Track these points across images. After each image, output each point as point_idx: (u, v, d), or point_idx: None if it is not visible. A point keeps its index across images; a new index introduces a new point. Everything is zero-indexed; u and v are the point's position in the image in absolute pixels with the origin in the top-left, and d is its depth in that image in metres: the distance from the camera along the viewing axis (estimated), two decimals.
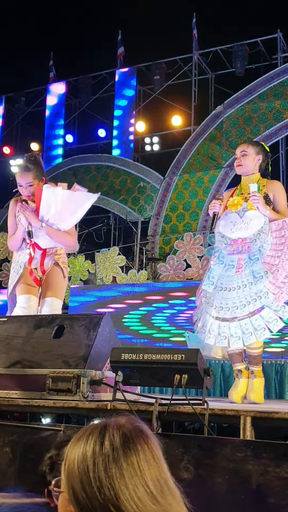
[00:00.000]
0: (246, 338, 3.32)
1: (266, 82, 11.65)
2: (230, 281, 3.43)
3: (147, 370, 2.50)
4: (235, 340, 3.34)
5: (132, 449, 0.97)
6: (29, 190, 3.75)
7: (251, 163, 3.65)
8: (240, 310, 3.34)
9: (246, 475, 2.05)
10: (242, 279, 3.39)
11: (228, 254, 3.51)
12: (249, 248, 3.44)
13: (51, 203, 3.68)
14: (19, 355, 2.85)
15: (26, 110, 15.29)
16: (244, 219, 3.52)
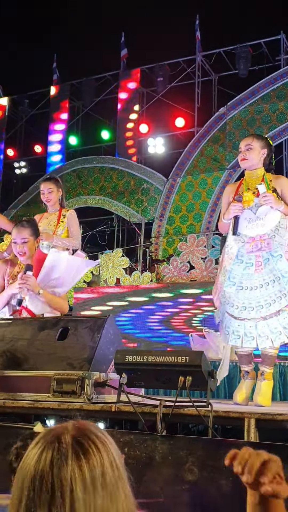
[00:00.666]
0: (275, 337, 3.25)
1: (269, 84, 11.66)
2: (250, 279, 3.35)
3: (152, 372, 2.50)
4: (263, 340, 3.27)
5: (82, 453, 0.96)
6: (23, 247, 3.58)
7: (256, 157, 3.54)
8: (266, 309, 3.26)
9: None
10: (264, 277, 3.31)
11: (247, 252, 3.41)
12: (268, 245, 3.34)
13: (55, 267, 3.60)
14: (24, 357, 2.86)
15: (30, 113, 15.33)
16: (258, 215, 3.41)
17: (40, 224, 4.71)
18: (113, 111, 13.93)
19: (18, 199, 14.58)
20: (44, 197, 4.77)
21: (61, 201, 4.83)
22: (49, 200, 4.76)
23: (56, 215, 4.74)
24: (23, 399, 2.73)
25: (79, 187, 13.56)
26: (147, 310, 8.78)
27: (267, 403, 3.31)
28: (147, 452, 2.27)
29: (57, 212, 4.77)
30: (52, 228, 4.64)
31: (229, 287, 3.41)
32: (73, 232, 4.69)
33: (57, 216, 4.73)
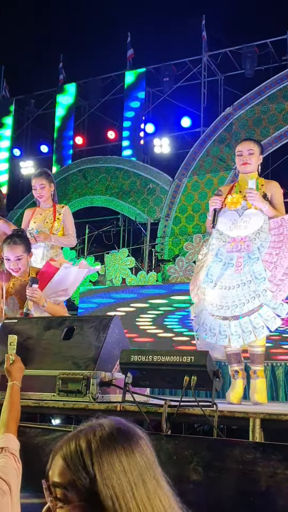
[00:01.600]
0: (246, 336, 3.31)
1: (275, 84, 11.63)
2: (230, 279, 3.42)
3: (157, 371, 2.50)
4: (235, 339, 3.33)
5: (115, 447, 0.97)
6: (17, 264, 3.55)
7: (256, 162, 3.69)
8: (240, 308, 3.34)
9: (255, 477, 2.06)
10: (241, 277, 3.38)
11: (227, 252, 3.50)
12: (248, 247, 3.43)
13: (64, 281, 3.61)
14: (29, 356, 2.87)
15: (36, 113, 15.36)
16: (243, 217, 3.51)
17: (34, 220, 4.66)
18: (119, 111, 13.94)
19: (24, 199, 14.61)
20: (36, 193, 4.67)
21: (53, 196, 4.73)
22: (41, 196, 4.67)
23: (51, 211, 4.66)
24: (28, 398, 2.74)
25: (85, 187, 13.58)
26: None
27: (264, 400, 3.37)
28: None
29: (51, 208, 4.68)
30: (49, 226, 4.58)
31: (206, 283, 3.48)
32: (68, 229, 4.64)
33: (51, 212, 4.65)
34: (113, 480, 0.92)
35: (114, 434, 0.97)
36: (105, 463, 0.93)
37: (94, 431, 0.98)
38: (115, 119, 14.42)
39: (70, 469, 0.94)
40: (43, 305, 3.48)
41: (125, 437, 0.98)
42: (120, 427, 1.00)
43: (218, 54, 13.00)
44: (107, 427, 0.99)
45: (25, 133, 15.80)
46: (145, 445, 1.00)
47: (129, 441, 0.98)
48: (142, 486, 0.94)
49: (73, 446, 0.96)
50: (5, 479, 1.56)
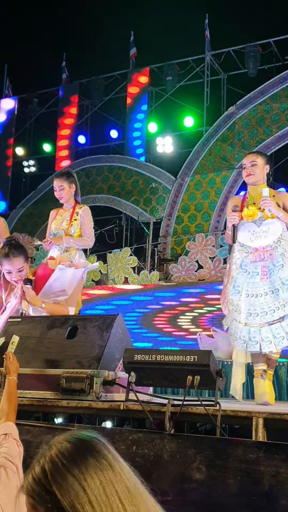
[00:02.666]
0: (278, 342, 3.42)
1: (278, 83, 11.62)
2: (256, 287, 3.53)
3: (160, 371, 2.51)
4: (266, 345, 3.43)
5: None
6: (19, 275, 3.52)
7: (260, 172, 3.76)
8: (270, 315, 3.44)
9: (258, 476, 2.07)
10: (269, 285, 3.49)
11: (251, 262, 3.60)
12: (271, 256, 3.54)
13: (58, 283, 3.60)
14: (33, 355, 2.88)
15: (39, 111, 15.36)
16: (262, 227, 3.61)
17: (54, 221, 4.63)
18: (122, 110, 13.93)
19: (26, 198, 14.63)
20: (56, 194, 4.65)
21: (75, 196, 4.67)
22: (61, 197, 4.63)
23: (69, 212, 4.61)
24: (32, 397, 2.75)
25: (87, 186, 13.58)
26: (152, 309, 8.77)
27: (273, 401, 3.43)
28: (155, 450, 2.28)
29: (71, 209, 4.63)
30: (65, 227, 4.54)
31: (234, 295, 3.60)
32: (85, 230, 4.57)
33: (70, 213, 4.60)
34: (70, 491, 0.97)
35: (65, 452, 1.02)
36: (60, 481, 0.98)
37: (44, 454, 1.03)
38: (118, 118, 14.42)
39: (36, 500, 1.00)
40: (40, 307, 3.48)
41: (77, 450, 1.03)
42: (70, 440, 1.05)
43: (221, 53, 12.99)
44: (56, 446, 1.04)
45: (28, 132, 15.80)
46: (101, 448, 1.05)
47: (81, 452, 1.02)
48: (102, 495, 0.98)
49: (30, 477, 1.02)
50: (12, 461, 1.70)
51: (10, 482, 1.61)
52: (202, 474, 2.16)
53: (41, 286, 3.54)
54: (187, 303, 8.56)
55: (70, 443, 1.04)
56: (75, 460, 1.00)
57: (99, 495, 0.98)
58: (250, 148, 11.66)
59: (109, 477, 1.00)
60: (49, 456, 1.02)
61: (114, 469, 1.02)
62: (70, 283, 3.68)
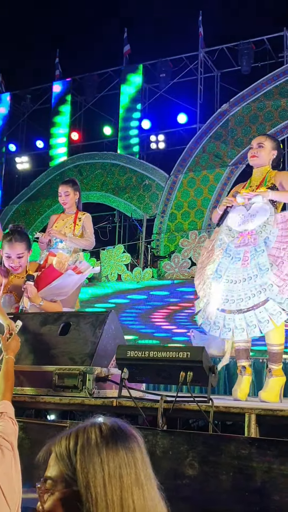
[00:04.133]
0: (250, 330, 3.29)
1: (272, 81, 11.63)
2: (236, 273, 3.41)
3: (153, 367, 2.51)
4: (239, 332, 3.32)
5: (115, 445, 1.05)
6: (18, 262, 3.48)
7: (266, 156, 3.64)
8: (245, 302, 3.32)
9: (250, 472, 2.07)
10: (248, 271, 3.36)
11: (235, 247, 3.49)
12: (255, 240, 3.42)
13: (63, 286, 3.57)
14: (26, 352, 2.87)
15: (32, 108, 15.31)
16: (250, 211, 3.51)
17: (55, 224, 4.82)
18: (116, 107, 13.91)
19: (19, 195, 14.58)
20: (61, 200, 4.85)
21: (77, 203, 4.90)
22: (65, 203, 4.84)
23: (72, 218, 4.81)
24: (24, 393, 2.75)
25: (80, 182, 13.47)
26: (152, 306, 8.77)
27: (272, 398, 3.28)
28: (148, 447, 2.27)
29: (73, 215, 4.83)
30: (68, 231, 4.71)
31: (215, 279, 3.48)
32: (88, 233, 4.76)
33: (73, 218, 4.79)
34: (89, 470, 1.01)
35: (104, 433, 1.06)
36: (86, 455, 1.02)
37: (86, 430, 1.07)
38: (111, 115, 14.39)
39: (59, 463, 1.06)
40: (39, 304, 3.45)
41: (115, 435, 1.06)
42: (114, 426, 1.08)
43: (214, 51, 12.98)
44: (99, 427, 1.07)
45: (20, 128, 15.75)
46: (135, 445, 1.08)
47: (117, 439, 1.06)
48: (117, 480, 1.01)
49: (64, 444, 1.07)
50: (7, 439, 1.74)
51: (5, 459, 1.65)
52: (194, 470, 2.16)
53: (44, 285, 3.50)
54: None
55: (109, 429, 1.07)
56: (108, 444, 1.04)
57: (115, 486, 1.00)
58: (244, 146, 11.68)
59: (131, 476, 1.03)
60: (88, 431, 1.05)
61: (138, 471, 1.05)
62: (73, 286, 3.71)
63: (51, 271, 3.55)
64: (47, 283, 3.48)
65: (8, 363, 2.36)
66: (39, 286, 3.47)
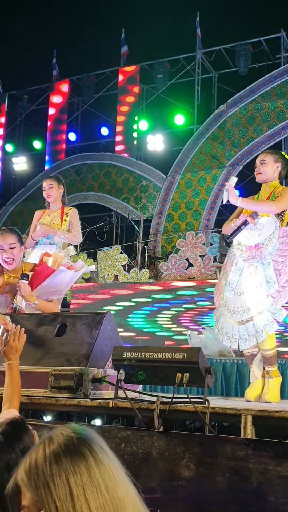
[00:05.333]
0: (249, 340, 3.46)
1: (269, 82, 11.65)
2: (241, 286, 3.57)
3: (149, 368, 2.51)
4: (243, 342, 3.48)
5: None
6: (10, 253, 3.48)
7: (269, 170, 3.74)
8: (246, 313, 3.48)
9: (246, 473, 2.07)
10: (251, 283, 3.51)
11: (243, 260, 3.63)
12: (261, 253, 3.55)
13: (57, 283, 3.58)
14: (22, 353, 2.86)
15: (29, 108, 15.30)
16: (257, 225, 3.63)
17: (41, 220, 4.78)
18: (113, 107, 13.90)
19: (16, 195, 14.56)
20: (45, 194, 4.84)
21: (62, 198, 4.86)
22: (49, 196, 4.82)
23: (58, 213, 4.78)
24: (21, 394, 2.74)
25: (77, 183, 13.55)
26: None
27: (273, 399, 3.41)
28: (144, 448, 2.28)
29: (59, 210, 4.81)
30: (56, 226, 4.70)
31: (228, 292, 3.64)
32: (75, 228, 4.77)
33: (59, 214, 4.77)
34: (42, 492, 1.01)
35: (48, 451, 1.05)
36: (36, 477, 1.02)
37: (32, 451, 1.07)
38: (109, 116, 14.39)
39: (26, 487, 1.04)
40: (34, 303, 3.45)
41: (59, 450, 1.05)
42: (68, 440, 1.07)
43: (212, 52, 12.99)
44: (43, 445, 1.07)
45: (17, 128, 15.73)
46: (84, 451, 1.06)
47: (60, 452, 1.04)
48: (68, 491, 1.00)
49: (20, 469, 1.06)
50: None
51: None
52: (191, 471, 2.16)
53: (38, 283, 3.50)
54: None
55: (67, 439, 1.06)
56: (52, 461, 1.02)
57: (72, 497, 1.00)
58: (241, 147, 11.69)
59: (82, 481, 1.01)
60: (32, 452, 1.05)
61: (90, 474, 1.03)
62: (67, 284, 3.70)
63: (44, 269, 3.55)
64: (40, 281, 3.47)
65: (12, 369, 2.30)
66: (33, 284, 3.46)
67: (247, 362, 3.73)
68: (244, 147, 11.63)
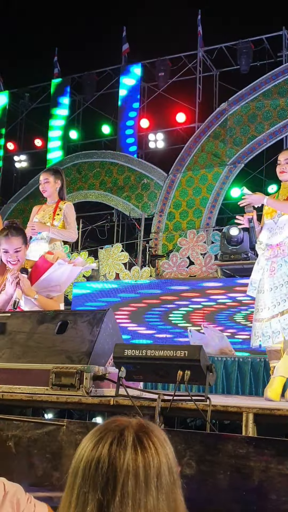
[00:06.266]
0: (274, 337, 3.47)
1: (270, 80, 11.63)
2: (263, 284, 3.62)
3: (150, 366, 2.50)
4: (266, 339, 3.51)
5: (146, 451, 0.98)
6: (16, 256, 3.51)
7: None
8: (271, 310, 3.51)
9: (248, 471, 2.06)
10: (274, 281, 3.55)
11: (265, 259, 3.68)
12: (284, 252, 3.60)
13: (56, 278, 3.55)
14: (23, 350, 2.86)
15: (30, 106, 15.29)
16: (278, 224, 3.69)
17: (37, 216, 4.73)
18: (114, 105, 13.89)
19: (18, 193, 14.56)
20: (41, 188, 4.77)
21: (59, 192, 4.75)
22: (45, 191, 4.75)
23: (53, 207, 4.69)
24: (21, 392, 2.73)
25: (79, 181, 13.54)
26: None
27: (275, 397, 3.37)
28: None
29: (54, 204, 4.72)
30: (48, 220, 4.60)
31: (251, 291, 3.74)
32: (70, 223, 4.65)
33: (53, 208, 4.68)
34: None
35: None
36: None
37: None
38: (110, 114, 14.38)
39: None
40: (34, 298, 3.44)
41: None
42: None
43: (213, 50, 12.97)
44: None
45: (19, 126, 15.72)
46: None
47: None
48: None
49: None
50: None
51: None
52: (192, 469, 2.16)
53: (37, 278, 3.50)
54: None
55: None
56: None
57: None
58: (242, 145, 11.67)
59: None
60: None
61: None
62: (66, 280, 3.66)
63: (42, 262, 3.55)
64: (39, 274, 3.47)
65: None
66: (32, 279, 3.46)
67: (268, 359, 3.74)
68: (246, 145, 11.61)
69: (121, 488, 0.91)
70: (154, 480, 0.93)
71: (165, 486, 0.94)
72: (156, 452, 0.96)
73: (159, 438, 0.99)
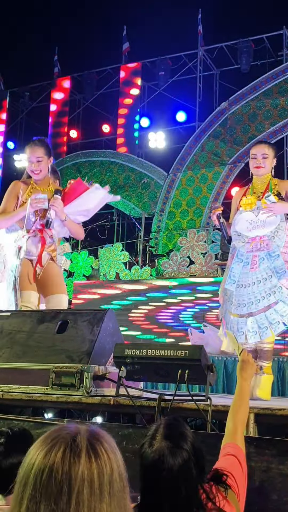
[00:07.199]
0: (262, 332, 3.40)
1: (271, 79, 11.61)
2: (246, 278, 3.53)
3: (151, 365, 2.49)
4: (252, 335, 3.43)
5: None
6: (38, 165, 3.74)
7: (269, 165, 3.75)
8: (255, 305, 3.43)
9: (249, 471, 2.05)
10: (257, 275, 3.48)
11: (247, 252, 3.60)
12: (268, 246, 3.54)
13: (88, 201, 3.77)
14: (23, 350, 2.86)
15: (31, 105, 15.28)
16: (260, 217, 3.61)
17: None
18: (115, 104, 13.87)
19: None
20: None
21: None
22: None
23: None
24: (21, 391, 2.73)
25: None
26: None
27: (266, 396, 3.35)
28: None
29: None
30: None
31: (229, 285, 3.60)
32: None
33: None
34: None
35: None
36: None
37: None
38: (110, 113, 14.36)
39: None
40: (64, 219, 3.67)
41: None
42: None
43: (214, 49, 12.95)
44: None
45: (19, 126, 15.71)
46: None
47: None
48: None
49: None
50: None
51: None
52: None
53: (70, 200, 3.73)
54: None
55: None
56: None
57: None
58: (242, 144, 11.66)
59: None
60: None
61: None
62: (95, 206, 3.87)
63: (79, 184, 3.80)
64: (75, 196, 3.72)
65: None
66: (65, 200, 3.70)
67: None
68: (246, 144, 11.59)
69: (76, 496, 0.90)
70: (107, 487, 0.93)
71: (116, 492, 0.94)
72: (108, 458, 0.96)
73: (110, 445, 0.99)
